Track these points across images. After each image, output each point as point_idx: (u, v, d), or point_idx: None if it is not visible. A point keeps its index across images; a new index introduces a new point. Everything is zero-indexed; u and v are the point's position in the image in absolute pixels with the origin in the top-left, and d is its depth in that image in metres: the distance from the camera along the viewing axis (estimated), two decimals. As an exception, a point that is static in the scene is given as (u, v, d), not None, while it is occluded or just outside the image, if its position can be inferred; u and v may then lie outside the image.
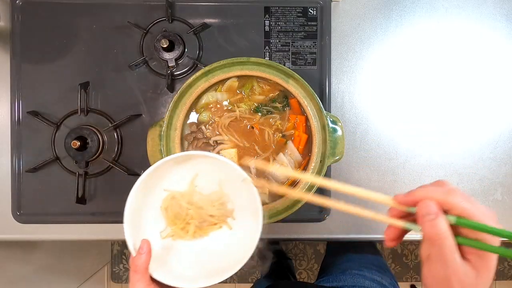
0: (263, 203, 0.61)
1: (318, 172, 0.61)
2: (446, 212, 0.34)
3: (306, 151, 0.63)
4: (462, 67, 0.72)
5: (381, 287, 0.72)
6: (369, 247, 0.91)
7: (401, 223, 0.37)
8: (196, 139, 0.63)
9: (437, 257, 0.33)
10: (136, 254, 0.47)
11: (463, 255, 0.33)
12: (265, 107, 0.63)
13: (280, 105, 0.63)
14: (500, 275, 1.70)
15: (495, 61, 0.72)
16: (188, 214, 0.53)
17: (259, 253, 0.53)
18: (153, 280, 0.47)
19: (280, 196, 0.61)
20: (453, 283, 0.32)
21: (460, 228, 0.33)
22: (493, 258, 0.33)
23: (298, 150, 0.63)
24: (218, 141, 0.63)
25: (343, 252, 0.89)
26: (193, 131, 0.63)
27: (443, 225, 0.32)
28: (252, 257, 0.51)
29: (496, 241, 0.32)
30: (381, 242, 0.76)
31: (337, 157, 0.60)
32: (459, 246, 0.33)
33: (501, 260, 1.69)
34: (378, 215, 0.40)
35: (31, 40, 0.68)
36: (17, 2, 0.67)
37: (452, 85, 0.72)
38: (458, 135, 0.72)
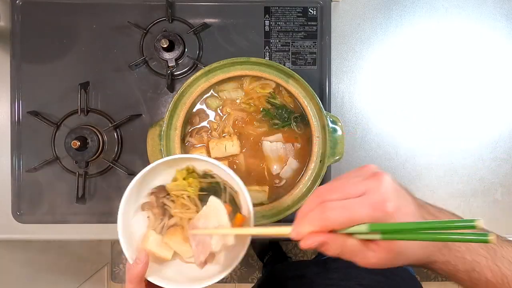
0: (262, 204, 0.61)
1: (318, 172, 0.61)
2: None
3: (306, 152, 0.63)
4: (462, 67, 0.72)
5: None
6: None
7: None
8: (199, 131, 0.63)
9: (347, 258, 0.34)
10: (132, 263, 0.47)
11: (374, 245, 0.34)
12: (277, 119, 0.63)
13: (295, 123, 0.63)
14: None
15: (495, 61, 0.72)
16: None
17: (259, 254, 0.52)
18: (149, 283, 0.47)
19: (280, 196, 0.61)
20: (372, 265, 0.34)
21: None
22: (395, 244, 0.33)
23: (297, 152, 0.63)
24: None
25: None
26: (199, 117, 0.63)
27: (336, 246, 0.33)
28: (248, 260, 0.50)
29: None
30: None
31: (337, 157, 0.60)
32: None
33: None
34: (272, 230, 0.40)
35: (31, 40, 0.68)
36: (17, 2, 0.67)
37: (452, 85, 0.72)
38: (458, 135, 0.72)
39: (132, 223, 0.53)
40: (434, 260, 0.36)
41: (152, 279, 0.47)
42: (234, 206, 0.53)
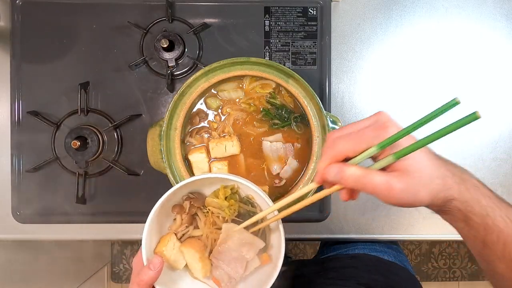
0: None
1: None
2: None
3: (305, 153, 0.63)
4: (462, 67, 0.72)
5: (370, 251, 0.72)
6: None
7: (336, 187, 0.40)
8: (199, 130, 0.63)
9: (370, 192, 0.36)
10: (145, 267, 0.45)
11: (394, 170, 0.36)
12: (277, 119, 0.63)
13: (294, 123, 0.63)
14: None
15: (495, 61, 0.72)
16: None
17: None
18: None
19: (280, 197, 0.61)
20: (393, 197, 0.36)
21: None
22: (412, 160, 0.36)
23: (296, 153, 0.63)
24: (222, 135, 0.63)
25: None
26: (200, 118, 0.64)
27: (350, 173, 0.36)
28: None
29: (407, 142, 0.36)
30: (379, 242, 0.76)
31: (337, 157, 0.60)
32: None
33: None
34: (314, 195, 0.43)
35: (31, 40, 0.68)
36: (17, 2, 0.67)
37: (451, 85, 0.72)
38: (458, 135, 0.72)
39: (161, 226, 0.52)
40: (453, 196, 0.37)
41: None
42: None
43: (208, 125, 0.64)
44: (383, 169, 0.37)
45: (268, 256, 0.51)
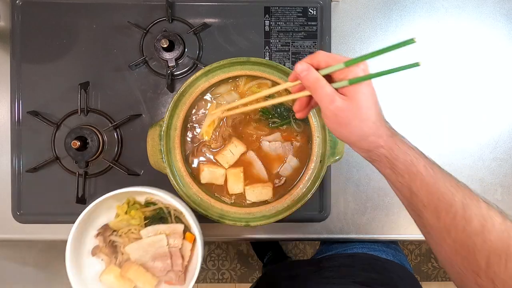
0: (266, 202, 0.61)
1: (318, 172, 0.61)
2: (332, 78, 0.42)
3: (306, 151, 0.63)
4: (462, 67, 0.72)
5: (369, 250, 0.72)
6: None
7: (296, 95, 0.47)
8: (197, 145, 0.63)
9: (317, 98, 0.42)
10: None
11: (340, 91, 0.42)
12: (276, 117, 0.63)
13: (294, 121, 0.63)
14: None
15: (495, 61, 0.72)
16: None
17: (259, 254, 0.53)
18: None
19: (280, 196, 0.61)
20: (333, 109, 0.41)
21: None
22: (361, 88, 0.41)
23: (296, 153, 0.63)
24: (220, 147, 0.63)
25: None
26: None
27: (312, 74, 0.42)
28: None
29: (359, 72, 0.41)
30: (378, 242, 0.76)
31: (337, 157, 0.60)
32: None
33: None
34: (284, 85, 0.50)
35: (31, 40, 0.68)
36: (17, 2, 0.67)
37: (452, 85, 0.72)
38: (458, 135, 0.72)
39: (85, 266, 0.54)
40: (380, 144, 0.42)
41: None
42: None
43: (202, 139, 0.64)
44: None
45: (191, 234, 0.54)
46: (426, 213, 0.41)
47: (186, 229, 0.55)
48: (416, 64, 0.36)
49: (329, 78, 0.43)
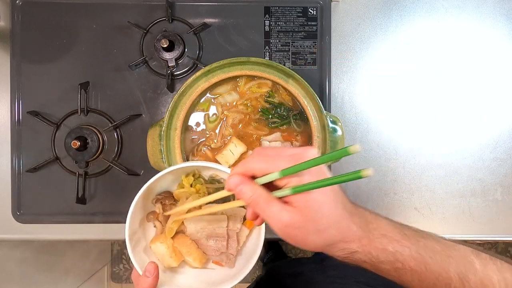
0: None
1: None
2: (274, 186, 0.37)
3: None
4: (462, 67, 0.72)
5: None
6: None
7: (237, 202, 0.42)
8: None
9: (261, 214, 0.36)
10: (142, 276, 0.46)
11: (288, 201, 0.36)
12: (275, 118, 0.63)
13: (293, 120, 0.63)
14: None
15: (495, 61, 0.72)
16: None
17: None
18: None
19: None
20: (284, 227, 0.36)
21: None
22: (311, 195, 0.35)
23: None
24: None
25: None
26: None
27: (248, 189, 0.36)
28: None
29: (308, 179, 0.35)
30: None
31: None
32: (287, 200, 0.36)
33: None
34: (227, 204, 0.46)
35: (31, 40, 0.68)
36: (17, 2, 0.67)
37: (452, 85, 0.72)
38: (458, 135, 0.72)
39: (139, 232, 0.53)
40: (355, 250, 0.37)
41: None
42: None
43: (204, 139, 0.64)
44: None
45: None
46: None
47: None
48: (360, 176, 0.31)
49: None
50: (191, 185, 0.54)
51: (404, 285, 0.39)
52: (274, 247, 1.58)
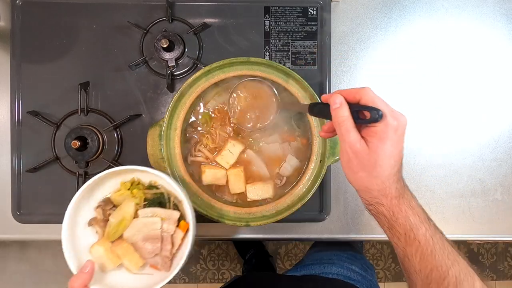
0: (267, 201, 0.61)
1: (318, 172, 0.61)
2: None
3: (306, 149, 0.63)
4: (462, 67, 0.72)
5: (349, 272, 0.72)
6: (350, 246, 0.90)
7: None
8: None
9: (339, 134, 0.42)
10: (78, 273, 0.48)
11: (366, 138, 0.42)
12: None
13: (295, 122, 0.63)
14: (500, 275, 1.70)
15: (495, 61, 0.72)
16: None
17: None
18: None
19: (280, 196, 0.61)
20: (350, 154, 0.42)
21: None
22: (385, 145, 0.40)
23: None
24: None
25: (322, 249, 0.88)
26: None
27: (343, 112, 0.42)
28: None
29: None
30: (381, 242, 0.76)
31: (337, 157, 0.60)
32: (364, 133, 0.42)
33: (501, 260, 1.70)
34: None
35: (31, 40, 0.68)
36: (17, 2, 0.67)
37: (452, 85, 0.72)
38: (458, 135, 0.72)
39: (80, 236, 0.54)
40: (382, 203, 0.42)
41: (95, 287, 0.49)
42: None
43: (199, 138, 0.64)
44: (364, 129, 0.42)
45: (186, 223, 0.54)
46: (416, 279, 0.41)
47: (181, 218, 0.55)
48: None
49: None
50: (128, 189, 0.56)
51: (406, 257, 0.42)
52: (256, 245, 1.57)
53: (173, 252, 0.54)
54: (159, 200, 0.56)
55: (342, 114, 0.41)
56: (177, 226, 0.55)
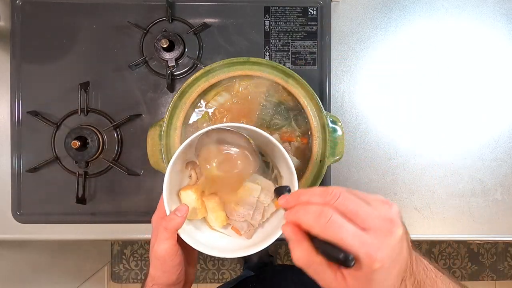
0: None
1: (318, 172, 0.61)
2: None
3: (306, 149, 0.63)
4: (462, 67, 0.72)
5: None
6: None
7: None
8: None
9: (312, 276, 0.34)
10: (172, 214, 0.45)
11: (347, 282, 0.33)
12: (275, 117, 0.63)
13: (295, 122, 0.63)
14: (500, 275, 1.70)
15: (495, 61, 0.72)
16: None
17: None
18: (179, 242, 0.46)
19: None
20: None
21: None
22: (374, 277, 0.32)
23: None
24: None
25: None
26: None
27: (296, 251, 0.34)
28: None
29: None
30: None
31: (337, 157, 0.60)
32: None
33: (501, 260, 1.70)
34: None
35: (31, 40, 0.68)
36: (17, 2, 0.67)
37: (452, 85, 0.72)
38: (458, 135, 0.72)
39: (173, 177, 0.51)
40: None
41: (184, 237, 0.46)
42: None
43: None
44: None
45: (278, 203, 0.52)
46: None
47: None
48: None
49: None
50: None
51: None
52: None
53: (260, 222, 0.53)
54: (262, 168, 0.53)
55: (296, 255, 0.34)
56: (272, 199, 0.52)
